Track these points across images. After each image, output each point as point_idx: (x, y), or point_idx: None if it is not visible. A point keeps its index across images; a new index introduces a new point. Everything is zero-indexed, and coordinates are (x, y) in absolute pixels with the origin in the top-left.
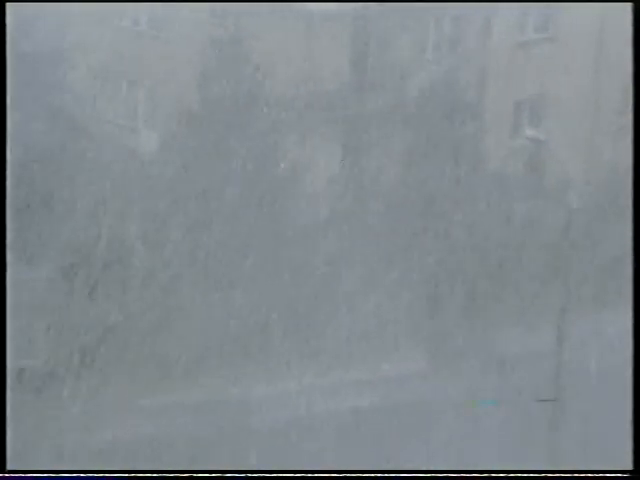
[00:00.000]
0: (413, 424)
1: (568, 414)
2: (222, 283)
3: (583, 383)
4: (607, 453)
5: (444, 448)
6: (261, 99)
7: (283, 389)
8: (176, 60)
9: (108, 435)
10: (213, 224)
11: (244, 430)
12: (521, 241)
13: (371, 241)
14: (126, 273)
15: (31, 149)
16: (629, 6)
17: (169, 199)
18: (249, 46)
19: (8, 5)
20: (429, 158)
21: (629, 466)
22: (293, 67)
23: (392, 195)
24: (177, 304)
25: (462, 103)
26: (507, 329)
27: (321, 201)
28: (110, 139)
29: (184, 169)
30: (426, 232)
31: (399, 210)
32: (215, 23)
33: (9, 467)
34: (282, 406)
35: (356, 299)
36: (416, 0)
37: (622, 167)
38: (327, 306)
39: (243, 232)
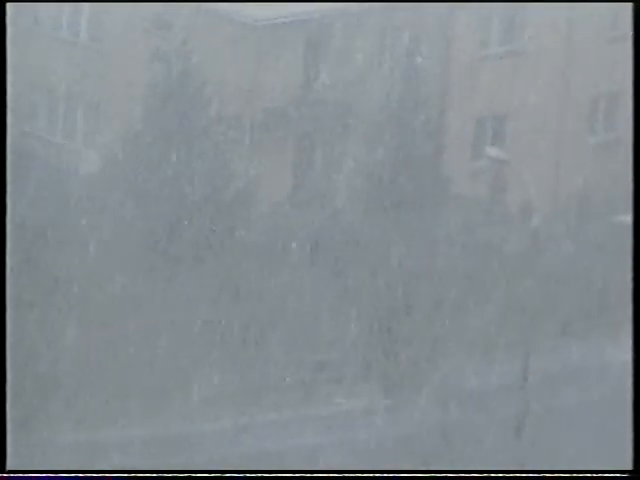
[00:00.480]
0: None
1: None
2: (169, 305)
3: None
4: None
5: None
6: (209, 116)
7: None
8: (119, 74)
9: None
10: (159, 246)
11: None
12: (481, 270)
13: (324, 269)
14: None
15: None
16: (600, 11)
17: (113, 222)
18: (197, 60)
19: (8, 5)
20: (385, 179)
21: (629, 466)
22: (242, 81)
23: (345, 219)
24: (122, 323)
25: (421, 120)
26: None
27: (272, 223)
28: (48, 158)
29: (129, 189)
30: (382, 260)
31: (352, 238)
32: (160, 35)
33: (9, 467)
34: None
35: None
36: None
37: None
38: (279, 334)
39: (192, 255)
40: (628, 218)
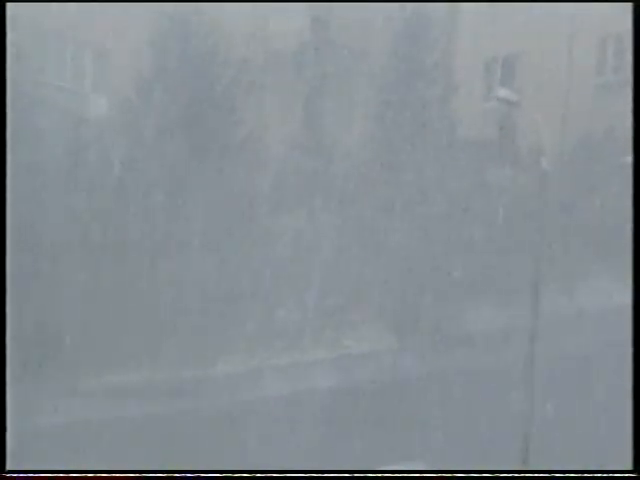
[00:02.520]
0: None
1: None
2: (176, 249)
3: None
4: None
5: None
6: (218, 60)
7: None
8: (126, 20)
9: None
10: (168, 191)
11: (195, 413)
12: (490, 211)
13: (334, 213)
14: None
15: None
16: None
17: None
18: (205, 4)
19: (8, 5)
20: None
21: (629, 466)
22: (251, 25)
23: (354, 162)
24: (130, 270)
25: (430, 62)
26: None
27: (281, 166)
28: (56, 104)
29: (139, 135)
30: (392, 202)
31: (362, 180)
32: None
33: (9, 467)
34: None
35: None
36: None
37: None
38: (291, 279)
39: (199, 199)
40: None
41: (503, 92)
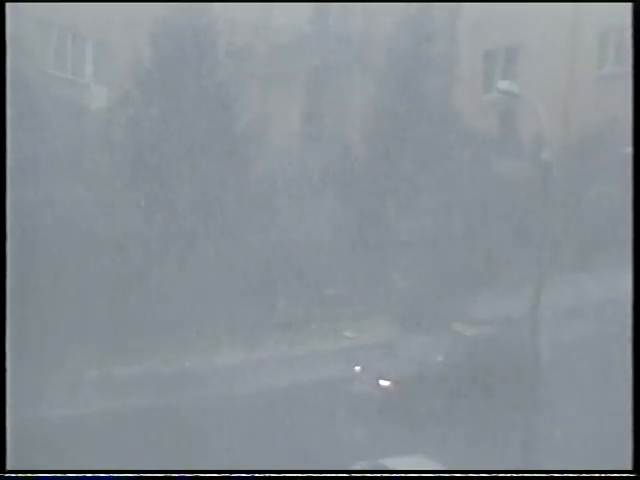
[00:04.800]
0: None
1: None
2: (181, 241)
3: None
4: None
5: None
6: (219, 51)
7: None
8: (127, 10)
9: None
10: (170, 181)
11: (203, 401)
12: (492, 202)
13: (334, 203)
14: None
15: None
16: None
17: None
18: None
19: (8, 5)
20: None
21: (629, 466)
22: (252, 16)
23: (355, 154)
24: (136, 262)
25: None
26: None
27: (282, 156)
28: (58, 95)
29: (137, 125)
30: (392, 193)
31: (363, 171)
32: None
33: (9, 467)
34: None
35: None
36: None
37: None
38: (294, 269)
39: (201, 189)
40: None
41: (505, 84)
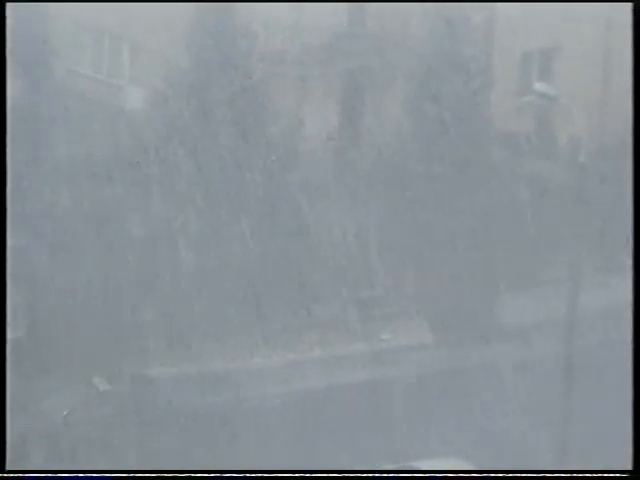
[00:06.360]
0: None
1: None
2: (215, 243)
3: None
4: None
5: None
6: (255, 53)
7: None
8: (163, 12)
9: None
10: (205, 184)
11: (233, 404)
12: (527, 205)
13: (371, 206)
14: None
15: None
16: None
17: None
18: None
19: (8, 5)
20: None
21: (629, 466)
22: (288, 17)
23: (392, 155)
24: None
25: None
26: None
27: (318, 159)
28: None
29: (171, 127)
30: (429, 195)
31: (399, 172)
32: None
33: (9, 467)
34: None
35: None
36: None
37: None
38: (326, 271)
39: (236, 191)
40: None
41: (541, 86)
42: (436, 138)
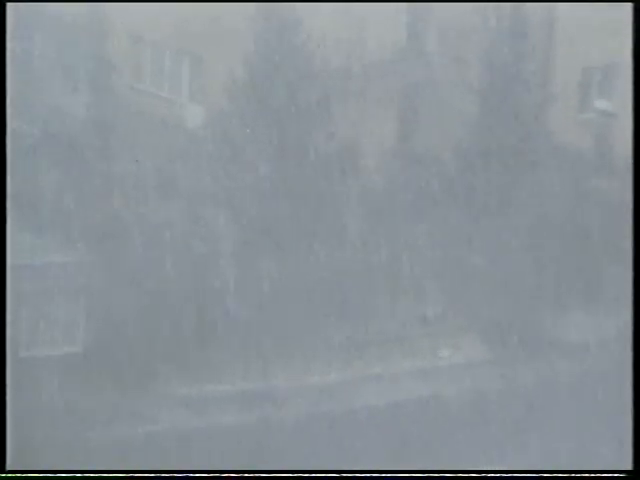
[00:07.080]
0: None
1: None
2: (273, 256)
3: None
4: None
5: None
6: (313, 69)
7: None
8: (222, 29)
9: None
10: (265, 199)
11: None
12: (585, 222)
13: (429, 223)
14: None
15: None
16: None
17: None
18: (301, 12)
19: (8, 5)
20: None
21: (629, 466)
22: (346, 33)
23: (449, 172)
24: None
25: (527, 70)
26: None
27: (377, 175)
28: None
29: (232, 143)
30: (487, 210)
31: (457, 187)
32: None
33: (9, 467)
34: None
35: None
36: None
37: None
38: (383, 287)
39: (296, 206)
40: None
41: (601, 103)
42: (496, 153)
